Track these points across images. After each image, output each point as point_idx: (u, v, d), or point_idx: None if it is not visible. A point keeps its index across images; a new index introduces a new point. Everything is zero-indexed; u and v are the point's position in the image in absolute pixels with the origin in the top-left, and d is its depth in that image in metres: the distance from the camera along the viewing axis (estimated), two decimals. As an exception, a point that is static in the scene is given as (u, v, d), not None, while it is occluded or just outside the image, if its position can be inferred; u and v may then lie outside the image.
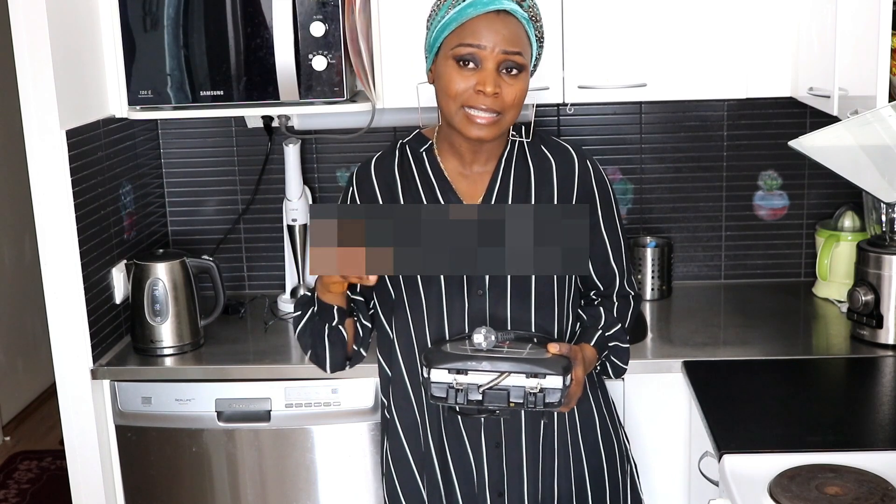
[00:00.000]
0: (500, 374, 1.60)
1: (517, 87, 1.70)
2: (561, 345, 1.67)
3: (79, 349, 2.39)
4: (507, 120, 1.72)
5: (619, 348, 1.88)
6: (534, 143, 1.86)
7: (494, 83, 1.67)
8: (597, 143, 2.85)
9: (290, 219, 2.76)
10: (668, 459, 2.36)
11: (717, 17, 2.42)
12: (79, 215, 2.35)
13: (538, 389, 1.60)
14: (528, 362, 1.61)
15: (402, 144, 1.88)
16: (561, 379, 1.60)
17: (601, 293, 1.92)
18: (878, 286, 2.38)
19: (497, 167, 1.82)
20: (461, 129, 1.72)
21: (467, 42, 1.67)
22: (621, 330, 1.89)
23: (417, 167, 1.85)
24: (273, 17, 2.35)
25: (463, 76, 1.68)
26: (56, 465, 4.00)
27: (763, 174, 2.86)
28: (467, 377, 1.60)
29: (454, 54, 1.69)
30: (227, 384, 2.39)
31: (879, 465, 1.73)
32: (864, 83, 1.88)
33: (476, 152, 1.81)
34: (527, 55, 1.71)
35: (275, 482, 2.43)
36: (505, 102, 1.69)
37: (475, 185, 1.83)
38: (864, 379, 2.26)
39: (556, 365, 1.62)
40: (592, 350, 1.82)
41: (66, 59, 2.28)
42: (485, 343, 1.63)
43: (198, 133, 2.91)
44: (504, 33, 1.67)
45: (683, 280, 2.91)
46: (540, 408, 1.61)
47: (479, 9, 1.67)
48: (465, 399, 1.61)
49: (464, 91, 1.68)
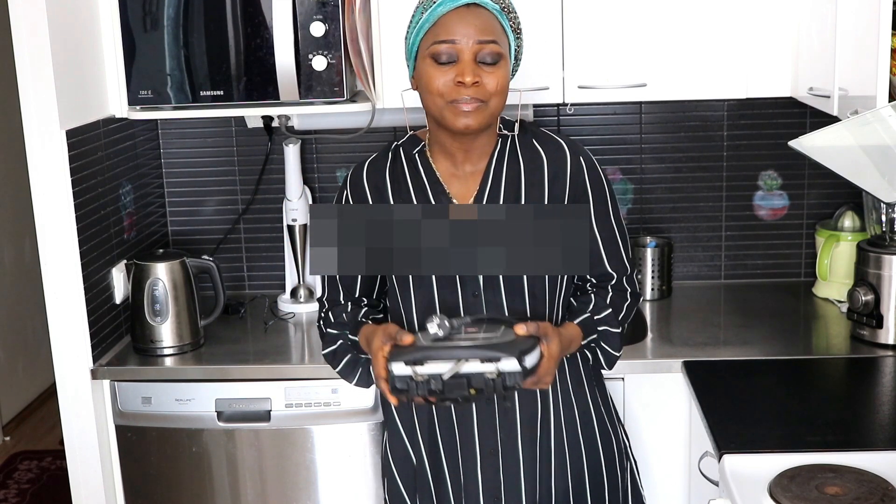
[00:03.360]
0: (456, 361, 1.59)
1: (497, 75, 1.71)
2: (528, 324, 1.64)
3: (79, 349, 2.39)
4: (492, 108, 1.73)
5: (609, 333, 1.85)
6: (525, 137, 1.85)
7: (473, 73, 1.69)
8: (597, 143, 2.85)
9: (290, 219, 2.76)
10: (667, 459, 2.36)
11: (717, 17, 2.42)
12: (79, 215, 2.35)
13: (496, 374, 1.58)
14: (483, 347, 1.59)
15: (395, 147, 1.89)
16: (516, 361, 1.58)
17: (596, 286, 1.91)
18: (878, 286, 2.38)
19: (488, 166, 1.82)
20: (449, 123, 1.73)
21: (441, 39, 1.70)
22: (612, 315, 1.85)
23: (410, 169, 1.85)
24: (273, 17, 2.35)
25: (442, 72, 1.71)
26: (56, 465, 4.00)
27: (763, 174, 2.86)
28: (425, 367, 1.59)
29: (430, 52, 1.71)
30: (227, 384, 2.39)
31: (879, 465, 1.73)
32: (864, 83, 1.88)
33: (467, 151, 1.80)
34: (503, 44, 1.73)
35: (275, 482, 2.43)
36: (487, 90, 1.71)
37: (467, 185, 1.83)
38: (864, 379, 2.26)
39: (512, 347, 1.59)
40: (576, 327, 1.80)
41: (66, 59, 2.28)
42: (440, 331, 1.63)
43: (198, 133, 2.91)
44: (476, 24, 1.69)
45: (683, 280, 2.91)
46: (501, 392, 1.59)
47: (448, 6, 1.70)
48: (426, 390, 1.60)
49: (444, 86, 1.70)
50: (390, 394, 1.64)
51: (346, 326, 1.89)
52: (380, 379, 1.67)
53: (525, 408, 1.84)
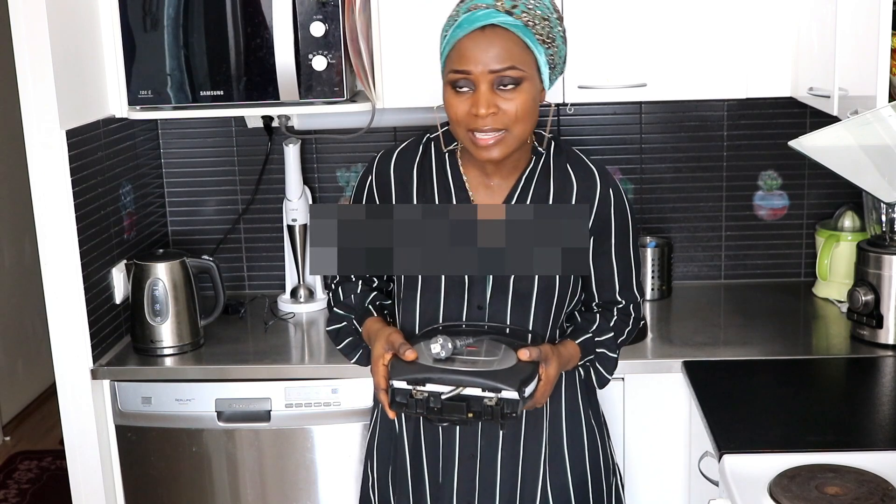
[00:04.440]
0: (457, 386, 1.59)
1: (517, 101, 1.65)
2: (531, 349, 1.64)
3: (79, 349, 2.39)
4: (516, 135, 1.68)
5: (607, 356, 1.86)
6: (559, 159, 1.81)
7: (488, 104, 1.63)
8: (597, 143, 2.85)
9: (290, 219, 2.76)
10: (668, 459, 2.36)
11: (717, 17, 2.42)
12: (79, 215, 2.35)
13: (495, 402, 1.58)
14: (485, 375, 1.59)
15: (427, 140, 1.84)
16: (516, 393, 1.58)
17: (601, 307, 1.90)
18: (878, 286, 2.38)
19: (517, 181, 1.79)
20: (473, 154, 1.71)
21: (456, 68, 1.65)
22: (612, 340, 1.86)
23: (438, 169, 1.81)
24: (273, 17, 2.35)
25: (460, 100, 1.67)
26: (56, 465, 4.00)
27: (763, 174, 2.86)
28: (426, 387, 1.60)
29: (449, 80, 1.68)
30: (227, 384, 2.39)
31: (879, 465, 1.73)
32: (864, 83, 1.88)
33: (497, 165, 1.77)
34: (526, 64, 1.65)
35: (275, 482, 2.43)
36: (507, 118, 1.65)
37: (493, 197, 1.80)
38: (864, 379, 2.26)
39: (513, 377, 1.59)
40: (575, 347, 1.80)
41: (66, 59, 2.28)
42: (443, 352, 1.62)
43: (198, 133, 2.91)
44: (491, 52, 1.63)
45: (683, 280, 2.91)
46: (499, 418, 1.59)
47: (465, 29, 1.64)
48: (425, 408, 1.60)
49: (464, 116, 1.66)
50: (389, 407, 1.64)
51: (354, 311, 1.87)
52: (380, 390, 1.67)
53: None
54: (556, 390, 1.85)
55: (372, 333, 1.77)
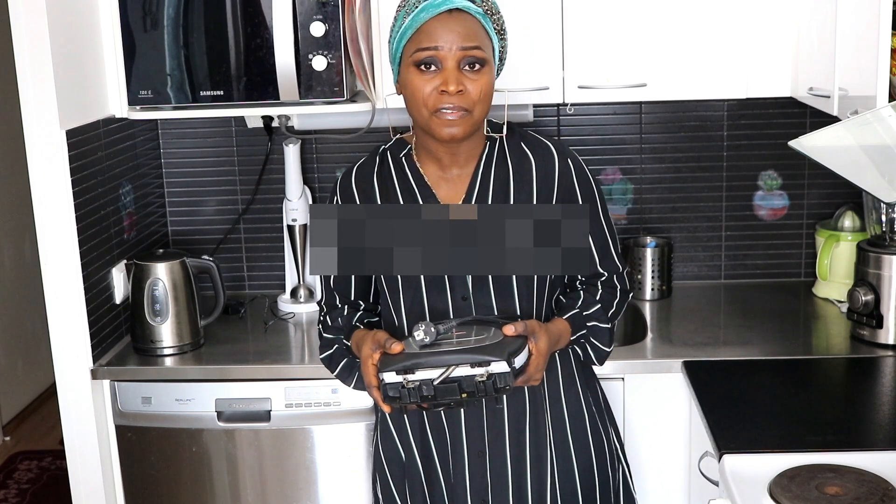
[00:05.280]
0: (446, 367, 1.59)
1: (481, 82, 1.70)
2: (516, 324, 1.65)
3: (79, 349, 2.39)
4: (477, 116, 1.72)
5: (599, 328, 1.86)
6: (513, 140, 1.85)
7: (457, 81, 1.68)
8: (597, 143, 2.85)
9: (290, 219, 2.77)
10: (668, 459, 2.36)
11: (717, 17, 2.42)
12: (79, 215, 2.35)
13: (486, 377, 1.59)
14: (471, 351, 1.60)
15: (382, 150, 1.89)
16: (505, 363, 1.59)
17: (586, 283, 1.91)
18: (878, 286, 2.38)
19: (476, 168, 1.82)
20: (435, 133, 1.73)
21: (424, 46, 1.69)
22: (601, 311, 1.86)
23: (397, 173, 1.85)
24: (273, 17, 2.35)
25: (426, 80, 1.70)
26: (56, 465, 4.00)
27: (763, 174, 2.86)
28: (416, 375, 1.60)
29: (414, 60, 1.70)
30: (227, 384, 2.39)
31: (879, 465, 1.73)
32: (864, 83, 1.88)
33: (453, 154, 1.80)
34: (487, 49, 1.72)
35: (275, 482, 2.43)
36: (471, 98, 1.70)
37: (455, 188, 1.82)
38: (864, 379, 2.26)
39: (500, 350, 1.60)
40: (564, 322, 1.81)
41: (66, 59, 2.28)
42: (427, 338, 1.63)
43: (198, 133, 2.91)
44: (459, 30, 1.68)
45: (683, 280, 2.91)
46: (492, 393, 1.60)
47: (431, 12, 1.68)
48: (418, 397, 1.60)
49: (429, 94, 1.69)
50: (383, 402, 1.65)
51: (342, 331, 1.89)
52: (371, 387, 1.68)
53: (513, 409, 1.84)
54: (553, 373, 1.86)
55: (359, 339, 1.79)
